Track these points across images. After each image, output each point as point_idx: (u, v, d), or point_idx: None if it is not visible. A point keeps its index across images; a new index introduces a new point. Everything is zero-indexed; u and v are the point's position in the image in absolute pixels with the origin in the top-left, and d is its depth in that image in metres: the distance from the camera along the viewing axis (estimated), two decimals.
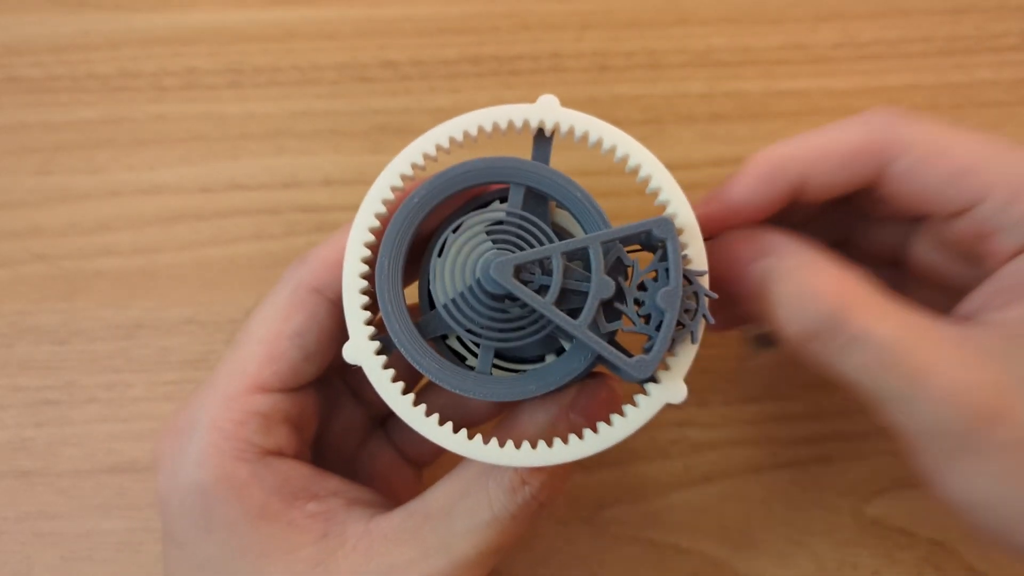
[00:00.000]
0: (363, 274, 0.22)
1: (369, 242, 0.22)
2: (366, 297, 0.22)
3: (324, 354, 0.24)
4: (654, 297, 0.21)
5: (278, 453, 0.24)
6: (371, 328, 0.22)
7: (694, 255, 0.22)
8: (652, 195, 0.23)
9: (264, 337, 0.24)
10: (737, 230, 0.24)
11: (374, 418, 0.29)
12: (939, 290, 0.26)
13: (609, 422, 0.22)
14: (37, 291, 0.33)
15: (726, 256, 0.23)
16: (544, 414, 0.23)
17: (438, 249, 0.23)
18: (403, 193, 0.23)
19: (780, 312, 0.22)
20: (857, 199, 0.25)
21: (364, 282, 0.22)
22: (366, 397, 0.28)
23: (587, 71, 0.36)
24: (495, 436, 0.22)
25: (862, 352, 0.21)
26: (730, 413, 0.32)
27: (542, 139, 0.23)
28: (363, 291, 0.22)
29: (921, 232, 0.26)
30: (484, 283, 0.21)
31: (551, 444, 0.22)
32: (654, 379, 0.22)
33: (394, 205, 0.23)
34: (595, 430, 0.22)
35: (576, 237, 0.22)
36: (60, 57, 0.36)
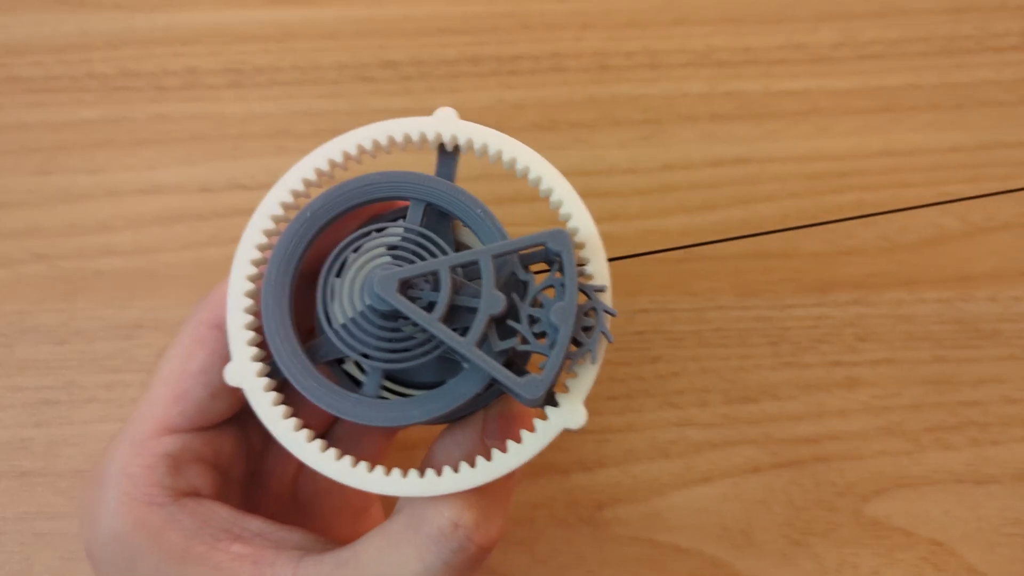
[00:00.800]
0: (249, 292, 0.21)
1: (257, 259, 0.21)
2: (252, 317, 0.21)
3: (233, 391, 0.23)
4: (549, 314, 0.20)
5: (193, 494, 0.23)
6: (256, 349, 0.21)
7: (596, 270, 0.21)
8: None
9: (168, 378, 0.23)
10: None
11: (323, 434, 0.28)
12: None
13: (520, 440, 0.20)
14: (37, 291, 0.33)
15: None
16: (458, 448, 0.22)
17: (336, 269, 0.21)
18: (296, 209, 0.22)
19: None
20: None
21: (250, 301, 0.21)
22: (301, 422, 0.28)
23: (587, 71, 0.36)
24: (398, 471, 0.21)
25: None
26: (730, 413, 0.32)
27: (446, 154, 0.22)
28: (249, 311, 0.21)
29: None
30: (369, 299, 0.20)
31: (440, 473, 0.20)
32: (554, 402, 0.21)
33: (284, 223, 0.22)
34: (505, 451, 0.20)
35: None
36: (60, 57, 0.36)
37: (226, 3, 0.36)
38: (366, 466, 0.20)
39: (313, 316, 0.22)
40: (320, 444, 0.21)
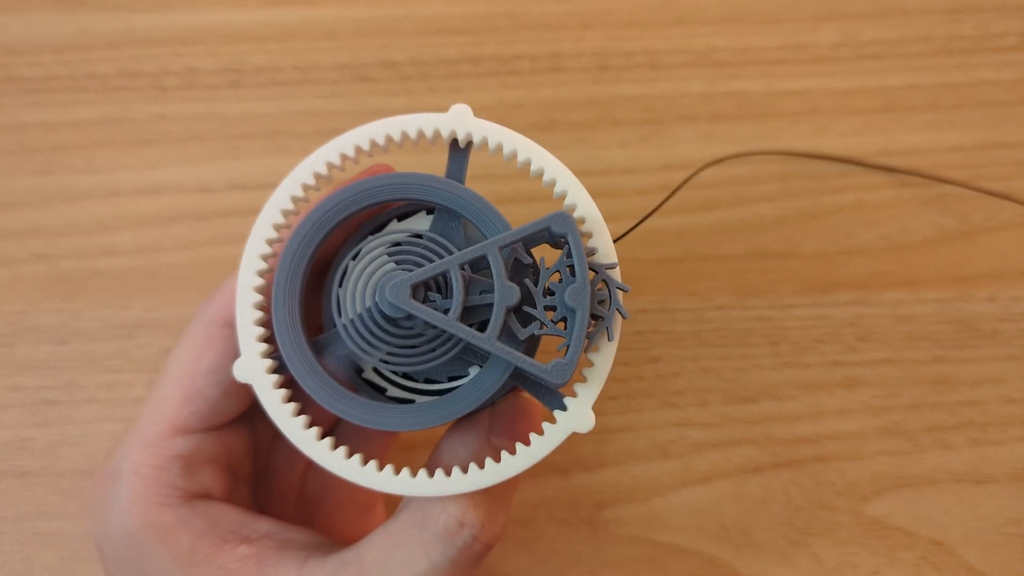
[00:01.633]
0: (258, 288, 0.21)
1: (266, 254, 0.21)
2: (261, 313, 0.21)
3: (244, 388, 0.23)
4: (563, 296, 0.20)
5: (205, 495, 0.23)
6: (265, 345, 0.21)
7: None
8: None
9: (179, 377, 0.23)
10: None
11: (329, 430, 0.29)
12: None
13: (527, 441, 0.20)
14: (37, 291, 0.33)
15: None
16: (464, 448, 0.22)
17: (344, 267, 0.21)
18: (305, 205, 0.22)
19: None
20: None
21: (259, 297, 0.21)
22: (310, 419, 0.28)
23: (587, 71, 0.36)
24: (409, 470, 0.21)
25: None
26: (730, 413, 0.32)
27: (457, 150, 0.22)
28: (258, 307, 0.21)
29: None
30: (382, 307, 0.20)
31: (449, 473, 0.20)
32: (562, 406, 0.21)
33: (295, 216, 0.22)
34: (513, 450, 0.20)
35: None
36: (60, 57, 0.36)
37: (226, 3, 0.36)
38: (375, 465, 0.20)
39: (321, 314, 0.22)
40: (329, 442, 0.21)
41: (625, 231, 0.26)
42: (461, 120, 0.22)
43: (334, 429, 0.27)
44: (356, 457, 0.20)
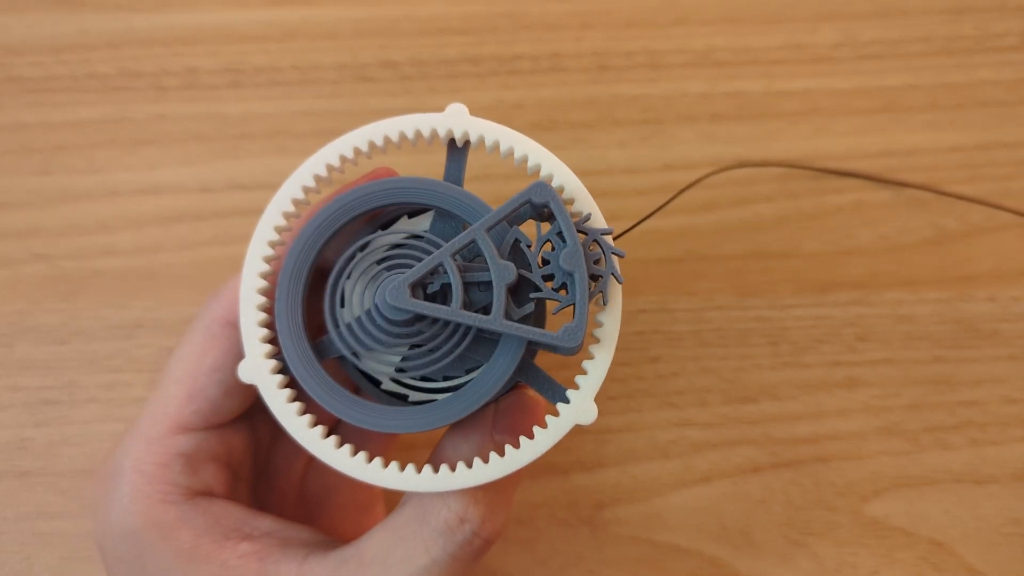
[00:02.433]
0: (262, 290, 0.21)
1: (269, 256, 0.21)
2: (265, 314, 0.21)
3: (245, 388, 0.24)
4: (559, 263, 0.20)
5: (207, 493, 0.23)
6: (269, 347, 0.21)
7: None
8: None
9: (181, 376, 0.23)
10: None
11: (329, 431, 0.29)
12: None
13: (531, 434, 0.21)
14: (37, 291, 0.33)
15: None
16: (467, 444, 0.22)
17: (345, 271, 0.22)
18: (307, 208, 0.22)
19: None
20: None
21: (263, 299, 0.21)
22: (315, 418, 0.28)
23: (587, 71, 0.36)
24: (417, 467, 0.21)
25: None
26: (730, 413, 0.32)
27: (455, 149, 0.22)
28: (262, 308, 0.21)
29: None
30: (384, 311, 0.20)
31: (454, 469, 0.21)
32: (565, 399, 0.21)
33: (297, 218, 0.22)
34: (516, 445, 0.21)
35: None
36: (60, 57, 0.36)
37: (226, 3, 0.36)
38: (380, 462, 0.21)
39: (322, 316, 0.22)
40: (334, 440, 0.21)
41: (624, 231, 0.26)
42: (458, 119, 0.22)
43: (337, 427, 0.27)
44: (361, 454, 0.21)
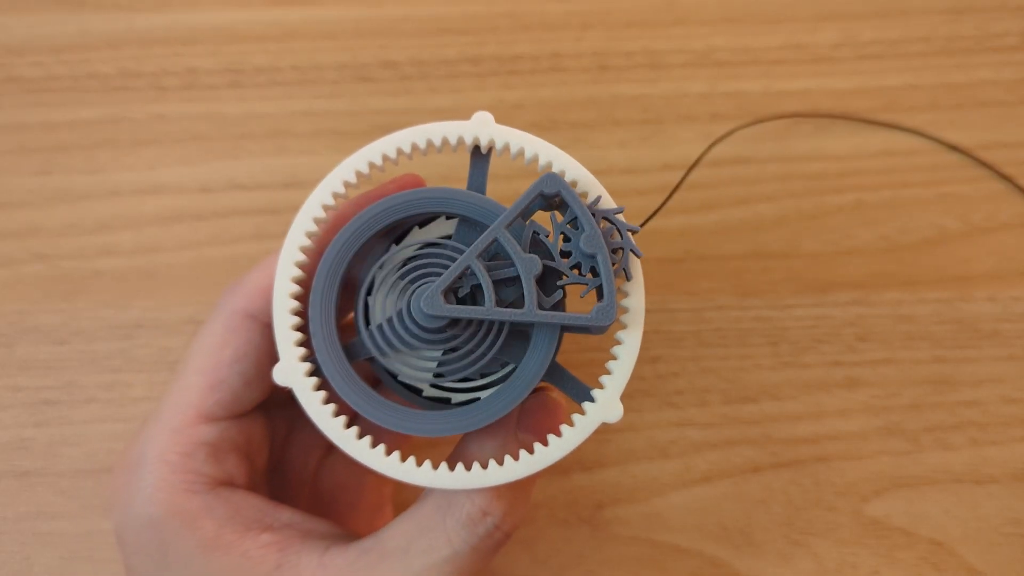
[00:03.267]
0: (294, 294, 0.22)
1: (301, 262, 0.22)
2: (298, 318, 0.22)
3: (265, 379, 0.24)
4: (580, 247, 0.21)
5: (229, 483, 0.24)
6: (302, 349, 0.22)
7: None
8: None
9: (203, 367, 0.23)
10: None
11: None
12: None
13: (559, 432, 0.21)
14: (37, 291, 0.33)
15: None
16: (493, 441, 0.22)
17: (372, 276, 0.23)
18: (336, 214, 0.23)
19: None
20: None
21: (296, 303, 0.22)
22: (349, 419, 0.28)
23: (587, 71, 0.36)
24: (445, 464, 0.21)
25: None
26: (729, 413, 0.32)
27: (479, 156, 0.23)
28: (295, 312, 0.22)
29: None
30: (420, 320, 0.21)
31: (486, 466, 0.21)
32: (590, 398, 0.21)
33: (327, 224, 0.23)
34: (545, 443, 0.21)
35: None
36: (60, 57, 0.36)
37: (226, 3, 0.36)
38: (414, 460, 0.21)
39: (348, 318, 0.23)
40: (369, 440, 0.21)
41: (649, 216, 0.27)
42: (484, 127, 0.23)
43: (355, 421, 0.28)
44: (395, 454, 0.21)
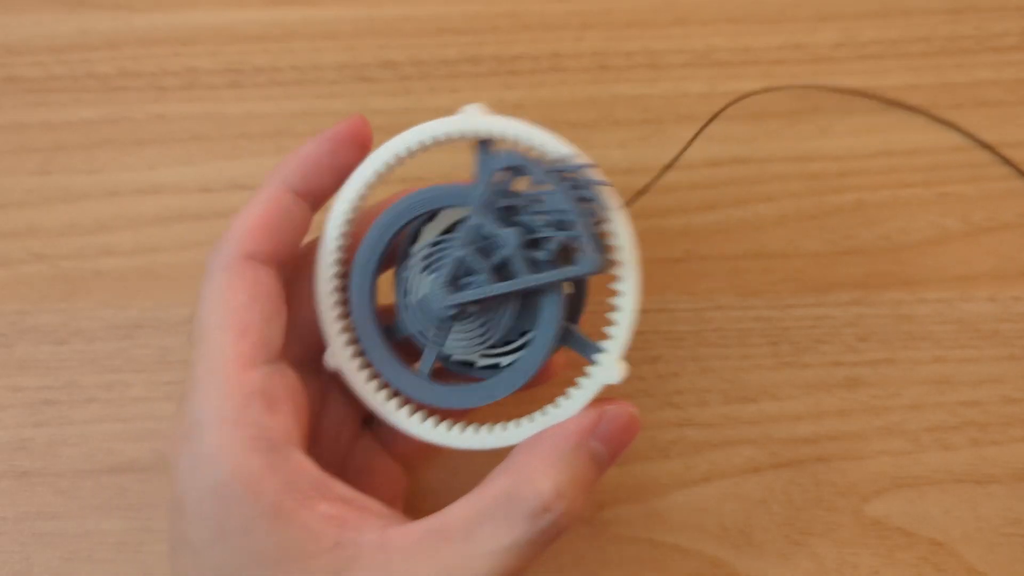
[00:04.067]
0: (336, 287, 0.25)
1: (338, 258, 0.25)
2: (341, 307, 0.25)
3: (282, 314, 0.24)
4: (553, 207, 0.22)
5: (286, 440, 0.23)
6: (348, 335, 0.24)
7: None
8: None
9: (223, 321, 0.23)
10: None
11: (365, 416, 0.29)
12: None
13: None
14: (37, 291, 0.33)
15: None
16: (566, 444, 0.24)
17: (407, 254, 0.25)
18: (362, 214, 0.25)
19: None
20: None
21: (338, 294, 0.25)
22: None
23: (587, 71, 0.36)
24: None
25: None
26: (730, 413, 0.32)
27: (480, 148, 0.24)
28: (337, 301, 0.25)
29: None
30: (438, 315, 0.24)
31: (505, 428, 0.24)
32: (600, 351, 0.24)
33: (358, 219, 0.25)
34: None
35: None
36: (60, 57, 0.36)
37: (226, 3, 0.36)
38: (459, 427, 0.25)
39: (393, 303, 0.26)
40: (421, 415, 0.25)
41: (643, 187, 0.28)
42: (471, 121, 0.24)
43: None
44: (444, 424, 0.25)
